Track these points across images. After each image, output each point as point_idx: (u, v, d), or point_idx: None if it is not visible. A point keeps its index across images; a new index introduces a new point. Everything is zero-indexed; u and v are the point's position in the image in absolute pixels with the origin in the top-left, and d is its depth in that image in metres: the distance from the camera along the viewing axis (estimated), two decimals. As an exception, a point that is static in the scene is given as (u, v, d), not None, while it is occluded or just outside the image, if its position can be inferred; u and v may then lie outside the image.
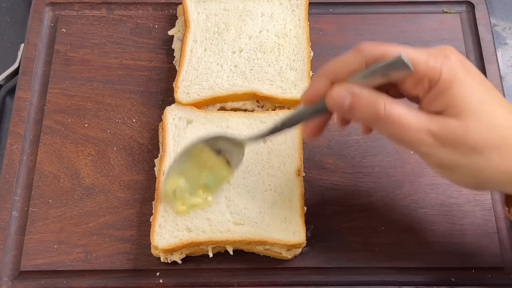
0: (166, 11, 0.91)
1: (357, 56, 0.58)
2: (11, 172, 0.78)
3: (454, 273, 0.72)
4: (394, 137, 0.58)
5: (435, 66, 0.55)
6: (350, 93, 0.57)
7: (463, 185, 0.60)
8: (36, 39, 0.87)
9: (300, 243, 0.70)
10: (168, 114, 0.78)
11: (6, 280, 0.72)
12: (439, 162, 0.57)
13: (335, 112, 0.60)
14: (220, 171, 0.72)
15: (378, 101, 0.56)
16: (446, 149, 0.56)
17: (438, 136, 0.55)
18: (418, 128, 0.56)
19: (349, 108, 0.57)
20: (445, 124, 0.56)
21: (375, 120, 0.56)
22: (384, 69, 0.56)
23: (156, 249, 0.71)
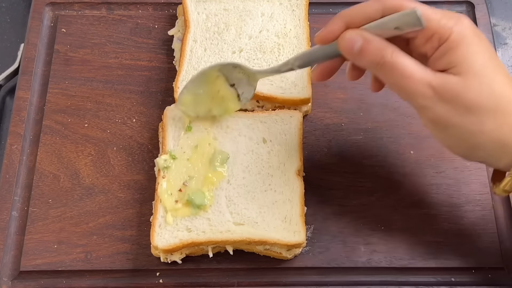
0: (166, 11, 0.91)
1: (375, 4, 0.60)
2: (11, 172, 0.78)
3: (454, 273, 0.72)
4: (395, 86, 0.59)
5: (446, 25, 0.58)
6: (362, 37, 0.59)
7: (454, 149, 0.62)
8: (36, 39, 0.87)
9: (300, 243, 0.70)
10: (168, 114, 0.78)
11: (6, 280, 0.72)
12: (434, 117, 0.59)
13: (344, 54, 0.62)
14: (230, 102, 0.75)
15: (386, 48, 0.58)
16: (443, 104, 0.58)
17: (437, 90, 0.57)
18: (419, 78, 0.57)
19: (359, 52, 0.59)
20: (446, 79, 0.57)
21: (380, 65, 0.58)
22: (398, 21, 0.58)
23: (156, 249, 0.71)
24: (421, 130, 0.81)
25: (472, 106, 0.57)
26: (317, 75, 0.68)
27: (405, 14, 0.57)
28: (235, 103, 0.75)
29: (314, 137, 0.81)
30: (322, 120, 0.82)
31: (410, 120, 0.82)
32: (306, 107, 0.81)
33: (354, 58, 0.61)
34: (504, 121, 0.58)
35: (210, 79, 0.73)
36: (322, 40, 0.63)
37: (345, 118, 0.82)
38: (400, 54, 0.58)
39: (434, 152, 0.79)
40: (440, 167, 0.79)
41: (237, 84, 0.74)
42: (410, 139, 0.81)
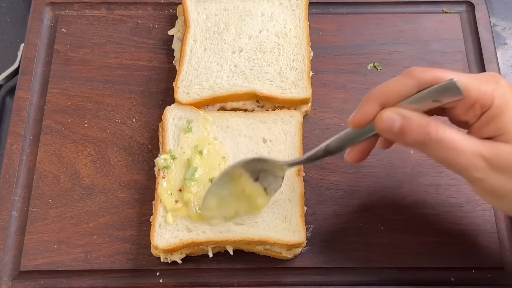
0: (166, 11, 0.91)
1: (408, 80, 0.58)
2: (11, 172, 0.78)
3: (454, 273, 0.72)
4: (445, 161, 0.57)
5: (487, 92, 0.56)
6: (401, 116, 0.57)
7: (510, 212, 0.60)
8: (36, 39, 0.87)
9: (300, 242, 0.70)
10: (168, 114, 0.78)
11: (6, 280, 0.72)
12: (490, 188, 0.57)
13: (384, 135, 0.60)
14: (257, 198, 0.70)
15: (430, 125, 0.56)
16: (498, 175, 0.56)
17: (490, 161, 0.55)
18: (470, 152, 0.55)
19: (399, 131, 0.57)
20: (498, 149, 0.55)
21: (426, 143, 0.56)
22: (436, 94, 0.56)
23: (156, 249, 0.71)
24: (421, 130, 0.81)
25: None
26: (354, 159, 0.64)
27: (443, 87, 0.55)
28: (263, 198, 0.70)
29: (314, 137, 0.81)
30: (322, 120, 0.82)
31: (410, 120, 0.82)
32: (306, 107, 0.81)
33: (395, 138, 0.58)
34: None
35: (233, 178, 0.68)
36: (358, 124, 0.60)
37: (345, 118, 0.81)
38: (445, 128, 0.56)
39: (434, 152, 0.79)
40: (440, 167, 0.78)
41: (262, 177, 0.68)
42: (410, 139, 0.80)
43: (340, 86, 0.85)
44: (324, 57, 0.87)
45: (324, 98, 0.84)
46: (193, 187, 0.72)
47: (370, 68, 0.86)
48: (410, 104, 0.57)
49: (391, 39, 0.89)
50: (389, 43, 0.88)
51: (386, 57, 0.87)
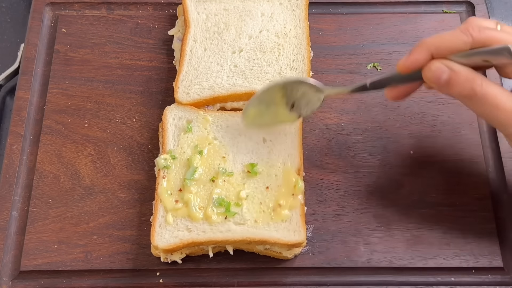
0: (166, 11, 0.91)
1: (463, 37, 0.59)
2: (11, 172, 0.78)
3: (454, 273, 0.72)
4: (486, 116, 0.60)
5: None
6: (449, 68, 0.59)
7: None
8: (36, 39, 0.87)
9: (300, 242, 0.70)
10: (168, 114, 0.78)
11: (6, 280, 0.72)
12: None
13: (430, 84, 0.61)
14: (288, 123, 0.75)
15: (475, 79, 0.58)
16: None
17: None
18: (511, 109, 0.58)
19: (446, 83, 0.59)
20: None
21: (471, 97, 0.59)
22: (488, 55, 0.58)
23: (156, 249, 0.71)
24: (421, 130, 0.81)
25: None
26: (394, 96, 0.67)
27: (497, 50, 0.57)
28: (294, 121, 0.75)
29: (314, 137, 0.81)
30: (322, 120, 0.82)
31: (410, 120, 0.82)
32: (306, 107, 0.81)
33: (441, 88, 0.60)
34: None
35: (273, 99, 0.72)
36: (406, 68, 0.63)
37: (345, 118, 0.82)
38: (490, 84, 0.58)
39: (434, 152, 0.79)
40: (440, 166, 0.79)
41: (297, 105, 0.72)
42: (410, 139, 0.80)
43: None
44: (324, 57, 0.87)
45: (324, 98, 0.84)
46: (193, 187, 0.72)
47: (370, 68, 0.86)
48: (461, 58, 0.59)
49: (391, 39, 0.89)
50: (389, 43, 0.88)
51: (386, 57, 0.87)
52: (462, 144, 0.80)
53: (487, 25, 0.60)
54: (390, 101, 0.68)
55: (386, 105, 0.83)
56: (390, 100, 0.68)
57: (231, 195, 0.72)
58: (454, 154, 0.79)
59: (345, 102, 0.83)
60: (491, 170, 0.79)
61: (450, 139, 0.80)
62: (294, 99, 0.71)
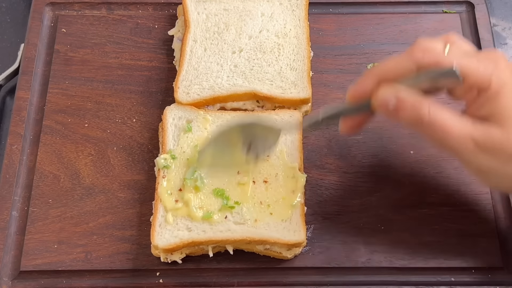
0: (166, 11, 0.91)
1: (409, 61, 0.59)
2: (11, 172, 0.78)
3: (454, 273, 0.72)
4: (436, 142, 0.59)
5: (485, 75, 0.57)
6: (396, 96, 0.58)
7: (497, 188, 0.64)
8: (36, 39, 0.87)
9: (300, 242, 0.70)
10: (168, 114, 0.78)
11: (6, 280, 0.72)
12: (478, 168, 0.59)
13: (379, 112, 0.61)
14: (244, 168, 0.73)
15: (423, 105, 0.57)
16: (485, 156, 0.57)
17: (479, 143, 0.57)
18: (461, 134, 0.57)
19: (394, 110, 0.58)
20: (488, 132, 0.57)
21: (418, 123, 0.58)
22: (435, 78, 0.57)
23: (156, 249, 0.71)
24: (421, 130, 0.81)
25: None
26: (348, 129, 0.66)
27: (443, 73, 0.57)
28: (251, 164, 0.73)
29: (314, 137, 0.81)
30: (322, 120, 0.82)
31: (410, 120, 0.82)
32: (306, 107, 0.81)
33: (389, 116, 0.60)
34: None
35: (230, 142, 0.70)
36: (355, 97, 0.62)
37: (345, 118, 0.82)
38: (438, 110, 0.57)
39: (434, 152, 0.79)
40: (440, 167, 0.79)
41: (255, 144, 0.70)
42: (410, 139, 0.80)
43: (340, 86, 0.85)
44: (324, 57, 0.87)
45: (324, 98, 0.84)
46: (193, 186, 0.72)
47: (370, 68, 0.86)
48: (408, 83, 0.59)
49: (391, 39, 0.89)
50: (389, 43, 0.88)
51: (386, 57, 0.86)
52: (462, 144, 0.80)
53: (434, 47, 0.59)
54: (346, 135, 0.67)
55: (386, 105, 0.83)
56: (345, 134, 0.67)
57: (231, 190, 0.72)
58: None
59: (345, 102, 0.83)
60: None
61: (450, 139, 0.80)
62: (250, 140, 0.70)
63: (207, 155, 0.72)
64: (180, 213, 0.71)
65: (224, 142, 0.71)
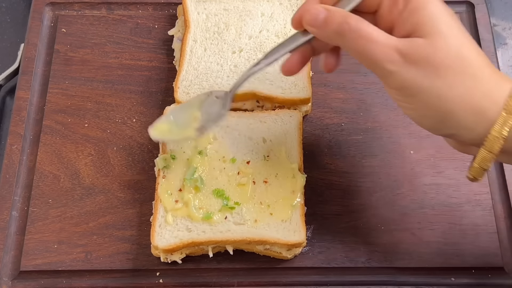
0: (166, 11, 0.91)
1: None
2: (11, 172, 0.78)
3: (454, 273, 0.72)
4: (360, 53, 0.57)
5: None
6: (325, 9, 0.59)
7: (423, 120, 0.59)
8: (36, 39, 0.87)
9: (300, 242, 0.70)
10: (168, 114, 0.78)
11: (6, 280, 0.72)
12: (401, 83, 0.56)
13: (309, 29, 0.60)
14: None
15: (350, 16, 0.57)
16: (411, 68, 0.55)
17: (404, 53, 0.55)
18: (385, 43, 0.56)
19: (323, 22, 0.58)
20: (413, 42, 0.56)
21: (345, 33, 0.57)
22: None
23: (156, 249, 0.71)
24: (421, 130, 0.80)
25: (441, 68, 0.54)
26: (288, 67, 0.65)
27: None
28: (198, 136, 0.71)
29: (314, 137, 0.81)
30: (322, 120, 0.82)
31: (410, 120, 0.81)
32: (306, 107, 0.81)
33: (318, 29, 0.59)
34: (475, 86, 0.55)
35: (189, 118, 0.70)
36: (297, 21, 0.61)
37: (345, 118, 0.82)
38: (364, 21, 0.57)
39: (434, 152, 0.79)
40: (440, 167, 0.79)
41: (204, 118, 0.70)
42: (410, 139, 0.81)
43: (340, 86, 0.85)
44: (324, 57, 0.87)
45: (324, 98, 0.84)
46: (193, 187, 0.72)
47: None
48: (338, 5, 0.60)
49: (391, 39, 0.88)
50: (389, 43, 0.88)
51: (386, 57, 0.87)
52: (462, 144, 0.80)
53: None
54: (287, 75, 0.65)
55: (386, 105, 0.83)
56: (285, 75, 0.66)
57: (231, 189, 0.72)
58: (454, 154, 0.79)
59: (345, 102, 0.83)
60: (491, 170, 0.79)
61: (450, 139, 0.80)
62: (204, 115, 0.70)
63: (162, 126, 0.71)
64: (180, 214, 0.71)
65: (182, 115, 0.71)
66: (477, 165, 0.58)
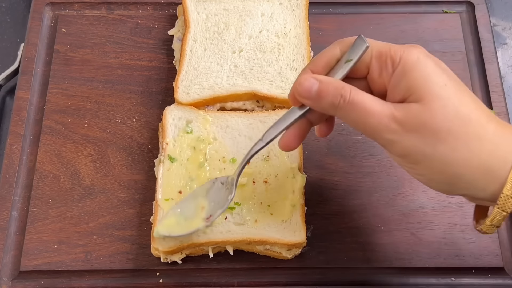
0: (166, 11, 0.91)
1: (333, 45, 0.60)
2: (11, 172, 0.78)
3: (454, 273, 0.72)
4: (357, 124, 0.57)
5: (398, 49, 0.56)
6: (317, 80, 0.58)
7: (432, 184, 0.57)
8: (36, 39, 0.87)
9: (301, 242, 0.70)
10: (168, 114, 0.78)
11: (6, 280, 0.72)
12: (403, 150, 0.55)
13: (302, 101, 0.60)
14: None
15: (344, 87, 0.56)
16: (410, 135, 0.54)
17: (401, 121, 0.54)
18: (381, 113, 0.55)
19: (317, 95, 0.57)
20: (408, 109, 0.54)
21: (340, 106, 0.56)
22: (348, 54, 0.58)
23: (156, 249, 0.70)
24: (421, 130, 0.81)
25: (441, 132, 0.53)
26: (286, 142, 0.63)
27: (354, 44, 0.58)
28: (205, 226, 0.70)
29: (314, 137, 0.81)
30: (322, 120, 0.82)
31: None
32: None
33: (313, 102, 0.58)
34: (480, 146, 0.53)
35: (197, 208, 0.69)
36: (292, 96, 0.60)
37: (345, 118, 0.82)
38: (358, 91, 0.56)
39: (434, 152, 0.79)
40: (440, 167, 0.79)
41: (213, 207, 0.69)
42: (410, 139, 0.80)
43: (340, 86, 0.85)
44: (324, 57, 0.87)
45: (324, 98, 0.84)
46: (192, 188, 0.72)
47: None
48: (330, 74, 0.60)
49: (391, 39, 0.88)
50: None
51: (386, 57, 0.87)
52: (462, 144, 0.80)
53: None
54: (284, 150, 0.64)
55: (386, 105, 0.83)
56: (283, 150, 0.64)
57: None
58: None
59: (345, 102, 0.83)
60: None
61: (450, 139, 0.80)
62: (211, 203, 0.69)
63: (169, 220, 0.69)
64: None
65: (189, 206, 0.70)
66: (489, 223, 0.57)
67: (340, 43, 0.60)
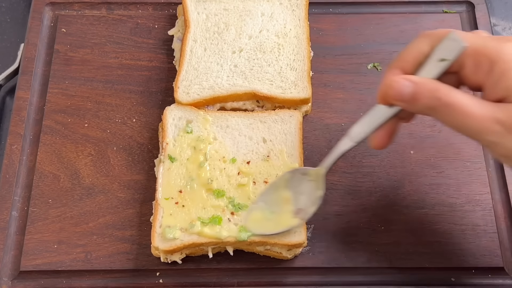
0: (166, 11, 0.91)
1: (422, 38, 0.57)
2: (11, 172, 0.78)
3: (454, 273, 0.72)
4: (456, 126, 0.55)
5: (492, 45, 0.54)
6: (411, 81, 0.55)
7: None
8: (36, 39, 0.87)
9: (301, 243, 0.70)
10: (168, 114, 0.78)
11: (6, 280, 0.72)
12: (507, 151, 0.54)
13: (395, 103, 0.58)
14: None
15: (440, 89, 0.54)
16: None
17: (504, 123, 0.52)
18: (483, 115, 0.53)
19: (411, 97, 0.55)
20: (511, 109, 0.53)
21: (437, 108, 0.54)
22: (440, 51, 0.55)
23: (156, 249, 0.70)
24: (421, 130, 0.81)
25: None
26: (378, 142, 0.62)
27: (444, 41, 0.55)
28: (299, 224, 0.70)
29: (314, 137, 0.81)
30: (322, 120, 0.82)
31: (410, 120, 0.82)
32: (306, 107, 0.81)
33: (407, 105, 0.56)
34: None
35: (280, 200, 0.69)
36: (382, 97, 0.59)
37: (345, 118, 0.82)
38: (456, 92, 0.54)
39: (434, 152, 0.79)
40: (440, 167, 0.79)
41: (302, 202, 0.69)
42: (410, 139, 0.80)
43: (340, 86, 0.85)
44: (324, 57, 0.87)
45: (324, 98, 0.84)
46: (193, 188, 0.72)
47: (370, 68, 0.86)
48: (420, 72, 0.57)
49: (392, 39, 0.88)
50: (389, 43, 0.88)
51: (387, 57, 0.87)
52: (462, 144, 0.80)
53: None
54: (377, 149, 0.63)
55: (386, 105, 0.83)
56: (376, 149, 0.64)
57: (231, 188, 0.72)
58: (454, 154, 0.79)
59: (345, 102, 0.83)
60: (491, 170, 0.79)
61: (450, 139, 0.80)
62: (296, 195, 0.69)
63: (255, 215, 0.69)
64: None
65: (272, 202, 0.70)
66: None
67: (429, 37, 0.57)
